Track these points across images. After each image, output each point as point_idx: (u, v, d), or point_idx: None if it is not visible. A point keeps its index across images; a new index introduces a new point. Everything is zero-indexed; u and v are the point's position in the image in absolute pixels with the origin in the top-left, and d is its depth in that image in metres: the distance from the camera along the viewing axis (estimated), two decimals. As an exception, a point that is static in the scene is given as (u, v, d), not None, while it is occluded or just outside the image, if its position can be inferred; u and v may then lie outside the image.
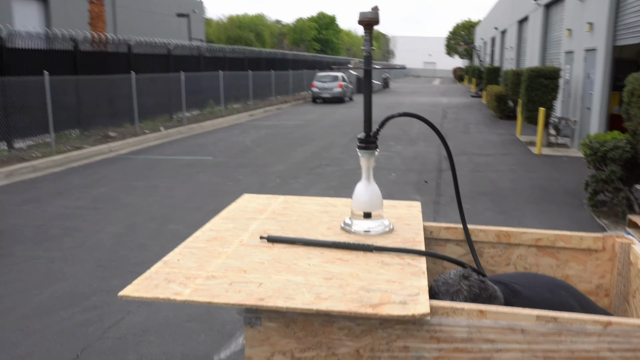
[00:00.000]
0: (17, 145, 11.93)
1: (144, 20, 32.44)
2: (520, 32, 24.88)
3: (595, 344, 1.52)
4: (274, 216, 2.47)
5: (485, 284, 1.84)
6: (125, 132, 14.56)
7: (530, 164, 11.22)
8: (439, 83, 63.99)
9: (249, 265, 1.87)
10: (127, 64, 15.97)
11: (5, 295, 4.74)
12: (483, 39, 45.60)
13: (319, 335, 1.66)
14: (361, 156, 2.28)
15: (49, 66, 12.70)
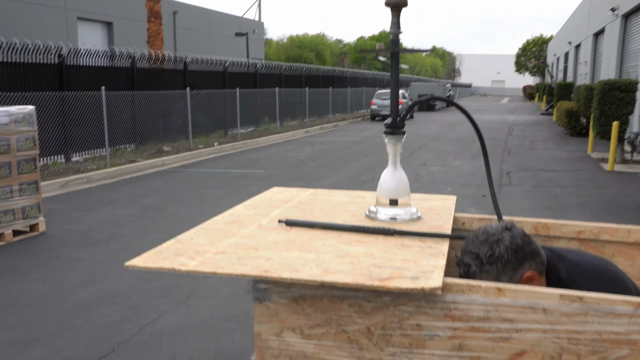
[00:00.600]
0: (74, 159, 12.21)
1: (203, 40, 33.22)
2: (596, 45, 23.94)
3: (626, 326, 1.42)
4: (298, 205, 2.41)
5: (529, 238, 1.70)
6: (179, 146, 14.70)
7: (600, 180, 10.60)
8: (507, 101, 62.80)
9: (262, 244, 1.84)
10: (183, 81, 16.21)
11: (49, 293, 4.94)
12: (556, 54, 44.40)
13: (328, 312, 1.63)
14: (387, 142, 2.19)
15: (107, 82, 13.01)
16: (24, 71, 11.24)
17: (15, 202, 6.48)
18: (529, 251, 1.69)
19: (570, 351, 1.47)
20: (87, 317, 4.41)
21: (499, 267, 1.66)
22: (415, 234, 1.95)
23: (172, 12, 30.80)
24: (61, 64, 11.97)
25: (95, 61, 13.38)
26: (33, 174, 6.72)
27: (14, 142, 6.42)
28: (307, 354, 1.67)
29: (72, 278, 5.29)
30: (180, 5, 31.57)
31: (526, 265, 1.68)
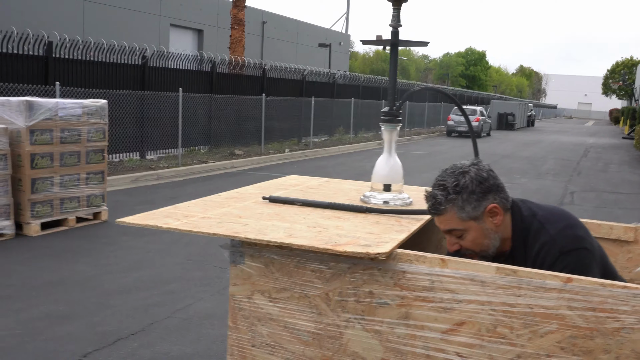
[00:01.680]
0: (148, 157, 12.81)
1: (290, 50, 33.96)
2: None
3: (555, 301, 1.47)
4: (305, 189, 2.52)
5: (495, 174, 1.78)
6: (251, 151, 15.09)
7: None
8: (591, 124, 60.65)
9: (248, 214, 1.97)
10: (260, 87, 16.66)
11: (97, 275, 5.25)
12: (644, 77, 42.12)
13: (293, 277, 1.74)
14: (384, 129, 2.29)
15: (187, 85, 13.59)
16: (109, 70, 11.95)
17: (81, 190, 6.91)
18: (494, 184, 1.75)
19: (505, 324, 1.51)
20: (126, 298, 4.67)
21: (464, 197, 1.72)
22: (385, 211, 2.05)
23: (262, 22, 31.74)
24: (144, 65, 12.64)
25: (177, 64, 14.03)
26: (100, 164, 7.15)
27: (85, 133, 6.86)
28: (273, 316, 1.78)
29: (121, 263, 5.60)
30: (269, 15, 32.47)
31: (490, 198, 1.74)
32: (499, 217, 1.75)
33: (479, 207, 1.73)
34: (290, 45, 34.27)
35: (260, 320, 1.81)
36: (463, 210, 1.72)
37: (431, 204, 1.77)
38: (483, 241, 1.76)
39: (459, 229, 1.76)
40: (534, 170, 14.57)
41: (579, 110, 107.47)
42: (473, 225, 1.74)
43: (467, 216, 1.73)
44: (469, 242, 1.76)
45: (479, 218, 1.74)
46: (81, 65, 11.38)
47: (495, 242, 1.77)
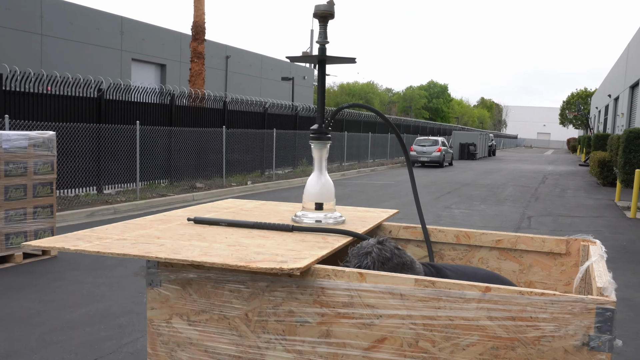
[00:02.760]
0: (106, 191, 12.54)
1: (254, 83, 34.12)
2: (632, 97, 24.07)
3: (475, 311, 1.44)
4: (237, 212, 2.45)
5: (400, 252, 1.77)
6: (213, 184, 14.93)
7: (620, 226, 10.66)
8: (550, 153, 62.58)
9: (168, 235, 1.90)
10: (221, 120, 16.59)
11: (42, 311, 5.08)
12: (597, 107, 44.29)
13: (211, 298, 1.70)
14: (313, 147, 2.25)
15: (144, 118, 13.45)
16: (63, 103, 11.72)
17: (28, 225, 6.67)
18: (398, 263, 1.74)
19: (426, 337, 1.49)
20: (71, 334, 4.50)
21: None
22: (310, 229, 2.02)
23: (225, 57, 31.88)
24: (100, 98, 12.46)
25: (136, 97, 13.89)
26: (49, 197, 6.93)
27: (32, 166, 6.66)
28: (192, 340, 1.73)
29: (69, 299, 5.41)
30: (233, 50, 32.65)
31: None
32: None
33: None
34: (254, 79, 34.44)
35: (179, 345, 1.75)
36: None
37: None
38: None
39: None
40: (494, 197, 14.83)
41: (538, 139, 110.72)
42: None
43: None
44: None
45: None
46: (33, 98, 11.14)
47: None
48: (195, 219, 2.15)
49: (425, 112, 66.30)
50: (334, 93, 58.60)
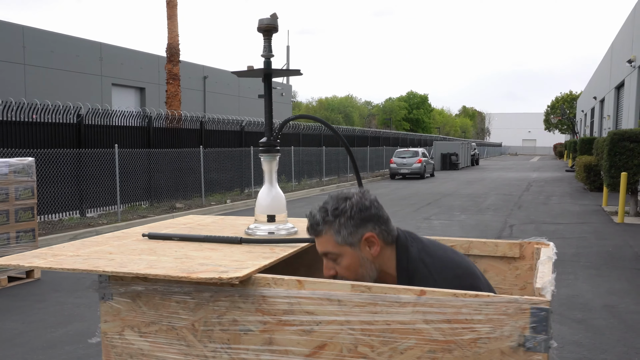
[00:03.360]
0: (89, 214, 12.78)
1: (232, 102, 34.45)
2: (618, 98, 23.85)
3: (411, 315, 1.46)
4: (193, 227, 2.49)
5: (380, 205, 1.76)
6: (192, 203, 15.21)
7: (606, 232, 10.60)
8: (536, 160, 62.21)
9: (120, 251, 1.95)
10: (199, 139, 16.90)
11: (24, 332, 5.28)
12: (583, 110, 44.12)
13: (160, 309, 1.74)
14: (263, 160, 2.29)
15: (123, 141, 13.73)
16: (43, 130, 12.00)
17: (11, 249, 6.94)
18: (375, 214, 1.74)
19: (365, 342, 1.51)
20: (52, 353, 4.73)
21: (341, 221, 1.71)
22: (258, 240, 2.06)
23: (203, 77, 32.24)
24: (80, 123, 12.75)
25: (114, 121, 14.18)
26: (30, 222, 7.21)
27: (13, 192, 6.94)
28: (144, 351, 1.77)
29: (50, 319, 5.64)
30: (210, 70, 33.01)
31: (369, 227, 1.72)
32: (375, 247, 1.73)
33: (355, 234, 1.71)
34: (233, 98, 34.79)
35: (132, 357, 1.80)
36: (339, 234, 1.71)
37: (310, 224, 1.78)
38: (358, 269, 1.73)
39: (334, 253, 1.74)
40: (475, 207, 14.84)
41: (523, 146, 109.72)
42: (348, 251, 1.72)
43: (342, 241, 1.72)
44: (343, 268, 1.73)
45: (355, 245, 1.72)
46: (15, 126, 11.42)
47: (371, 273, 1.75)
48: (149, 235, 2.20)
49: (406, 124, 66.84)
50: (313, 108, 59.10)
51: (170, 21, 17.92)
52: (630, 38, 20.31)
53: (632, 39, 19.72)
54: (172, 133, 16.06)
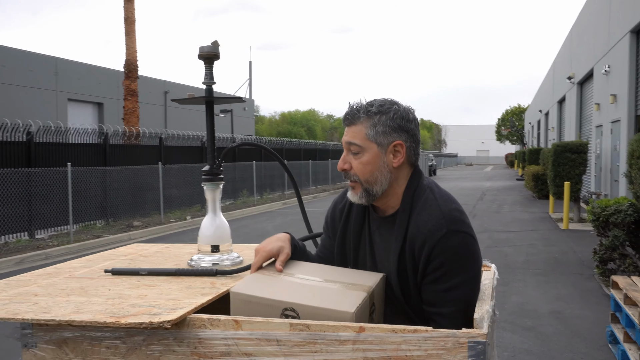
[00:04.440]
0: (39, 236, 12.33)
1: (194, 117, 34.08)
2: (560, 112, 24.92)
3: (351, 353, 1.42)
4: (135, 257, 2.38)
5: (418, 128, 1.78)
6: (151, 221, 14.85)
7: (553, 238, 11.06)
8: (490, 169, 64.08)
9: (48, 292, 1.81)
10: (158, 156, 16.58)
11: None
12: (531, 122, 45.91)
13: (88, 356, 1.62)
14: (206, 189, 2.21)
15: (78, 159, 13.35)
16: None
17: (-50, 275, 6.60)
18: (412, 130, 1.74)
19: None
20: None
21: (382, 118, 1.71)
22: (195, 272, 1.96)
23: (164, 92, 31.82)
24: (30, 141, 12.34)
25: (68, 138, 13.79)
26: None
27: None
28: None
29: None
30: (171, 85, 32.63)
31: (403, 137, 1.72)
32: (399, 158, 1.72)
33: (388, 136, 1.70)
34: (195, 113, 34.41)
35: None
36: (374, 128, 1.70)
37: (349, 110, 1.75)
38: (374, 171, 1.71)
39: (359, 145, 1.71)
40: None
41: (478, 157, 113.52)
42: (374, 149, 1.70)
43: (373, 136, 1.70)
44: (361, 164, 1.71)
45: (382, 146, 1.70)
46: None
47: (384, 181, 1.72)
48: (112, 270, 2.07)
49: (368, 137, 67.27)
50: (275, 122, 58.98)
51: (129, 37, 17.61)
52: (569, 57, 21.39)
53: (571, 58, 20.74)
54: (130, 150, 15.71)
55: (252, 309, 1.58)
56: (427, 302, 1.65)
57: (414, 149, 1.75)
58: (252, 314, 1.57)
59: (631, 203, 6.95)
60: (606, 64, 13.59)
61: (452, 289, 1.61)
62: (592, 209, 7.30)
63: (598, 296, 6.81)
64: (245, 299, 1.60)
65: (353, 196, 1.78)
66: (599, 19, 15.01)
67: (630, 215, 6.78)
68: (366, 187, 1.72)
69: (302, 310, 1.53)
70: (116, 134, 15.41)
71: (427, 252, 1.61)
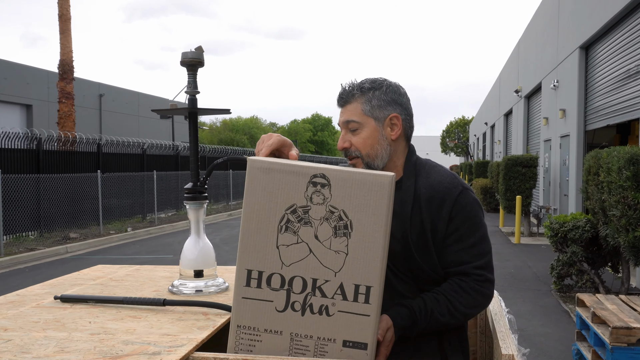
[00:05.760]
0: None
1: (131, 123, 32.88)
2: (507, 125, 25.20)
3: None
4: (106, 282, 2.20)
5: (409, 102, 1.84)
6: (89, 233, 13.95)
7: (506, 253, 10.97)
8: (433, 181, 65.17)
9: (18, 325, 1.62)
10: (96, 163, 15.65)
11: None
12: (476, 135, 46.41)
13: None
14: (188, 208, 2.04)
15: (7, 165, 12.34)
16: None
17: None
18: (405, 103, 1.79)
19: None
20: None
21: (376, 94, 1.74)
22: (186, 303, 1.79)
23: (99, 95, 30.49)
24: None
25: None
26: None
27: None
28: None
29: None
30: (106, 88, 31.33)
31: (397, 110, 1.76)
32: (397, 130, 1.75)
33: (383, 109, 1.74)
34: (132, 118, 33.20)
35: None
36: (369, 103, 1.73)
37: (342, 90, 1.77)
38: (375, 144, 1.73)
39: (357, 122, 1.73)
40: None
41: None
42: (371, 123, 1.73)
43: (369, 111, 1.73)
44: (360, 139, 1.73)
45: (379, 120, 1.73)
46: None
47: (384, 154, 1.74)
48: (61, 298, 1.89)
49: (311, 145, 67.31)
50: (217, 129, 57.91)
51: (63, 36, 16.56)
52: (516, 70, 21.66)
53: (518, 71, 21.04)
54: (66, 156, 14.70)
55: (273, 179, 1.39)
56: (454, 262, 1.67)
57: (408, 121, 1.80)
58: (272, 186, 1.38)
59: (588, 219, 6.98)
60: (555, 79, 13.77)
61: (478, 243, 1.68)
62: (550, 224, 7.28)
63: (557, 312, 6.75)
64: (267, 167, 1.39)
65: None
66: (547, 33, 15.25)
67: (587, 231, 6.84)
68: (367, 161, 1.74)
69: (334, 176, 1.36)
70: (50, 139, 14.40)
71: (449, 209, 1.66)
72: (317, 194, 1.36)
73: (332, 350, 1.38)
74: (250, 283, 1.40)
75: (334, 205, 1.36)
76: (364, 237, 1.35)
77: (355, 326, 1.36)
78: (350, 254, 1.35)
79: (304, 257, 1.37)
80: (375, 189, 1.35)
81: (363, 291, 1.35)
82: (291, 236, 1.38)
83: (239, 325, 1.43)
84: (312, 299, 1.38)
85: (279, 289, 1.39)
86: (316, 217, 1.37)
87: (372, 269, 1.35)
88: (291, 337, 1.40)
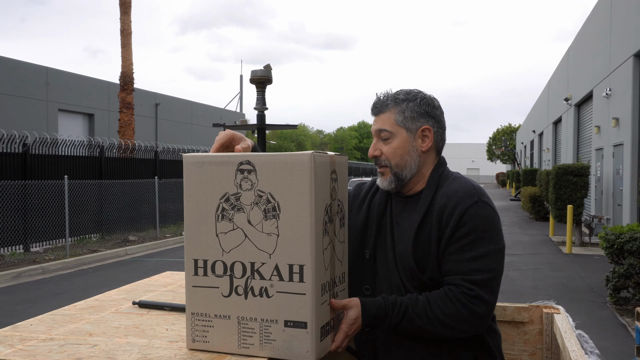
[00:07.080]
0: (34, 249, 12.02)
1: (185, 130, 33.82)
2: (556, 133, 24.75)
3: None
4: (176, 288, 2.25)
5: (443, 115, 1.86)
6: (146, 236, 14.57)
7: (558, 263, 10.77)
8: (481, 188, 63.73)
9: (102, 330, 1.68)
10: (153, 170, 16.32)
11: None
12: (523, 142, 45.66)
13: None
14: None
15: (73, 171, 13.06)
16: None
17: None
18: (439, 116, 1.82)
19: None
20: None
21: (409, 105, 1.77)
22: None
23: (155, 104, 31.54)
24: (25, 153, 12.05)
25: (64, 150, 13.50)
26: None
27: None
28: None
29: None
30: (162, 98, 32.36)
31: (430, 122, 1.79)
32: (428, 142, 1.78)
33: (416, 121, 1.76)
34: (185, 126, 34.16)
35: None
36: (402, 114, 1.76)
37: (377, 100, 1.82)
38: (404, 155, 1.76)
39: (389, 131, 1.76)
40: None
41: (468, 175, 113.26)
42: (403, 134, 1.76)
43: (402, 122, 1.76)
44: (391, 149, 1.76)
45: (411, 131, 1.76)
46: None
47: (413, 165, 1.77)
48: (139, 303, 1.99)
49: (357, 152, 67.47)
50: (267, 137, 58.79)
51: (124, 49, 17.41)
52: (565, 78, 21.28)
53: (567, 80, 20.66)
54: (125, 163, 15.44)
55: (206, 171, 1.46)
56: (449, 271, 1.64)
57: (440, 134, 1.82)
58: (206, 178, 1.46)
59: None
60: (607, 87, 13.61)
61: (479, 258, 1.62)
62: (606, 235, 7.14)
63: (614, 326, 6.60)
64: (199, 161, 1.47)
65: (382, 182, 1.81)
66: (599, 41, 15.08)
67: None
68: (395, 171, 1.76)
69: (258, 161, 1.41)
70: (112, 147, 15.13)
71: (458, 217, 1.64)
72: (245, 180, 1.42)
73: (276, 331, 1.42)
74: (198, 272, 1.48)
75: (261, 190, 1.41)
76: (292, 218, 1.38)
77: (294, 305, 1.40)
78: (281, 235, 1.39)
79: (241, 242, 1.43)
80: (296, 168, 1.38)
81: (297, 270, 1.39)
82: (227, 223, 1.44)
83: (192, 313, 1.50)
84: (252, 282, 1.43)
85: (222, 275, 1.45)
86: (247, 203, 1.42)
87: (302, 248, 1.38)
88: (238, 321, 1.45)
